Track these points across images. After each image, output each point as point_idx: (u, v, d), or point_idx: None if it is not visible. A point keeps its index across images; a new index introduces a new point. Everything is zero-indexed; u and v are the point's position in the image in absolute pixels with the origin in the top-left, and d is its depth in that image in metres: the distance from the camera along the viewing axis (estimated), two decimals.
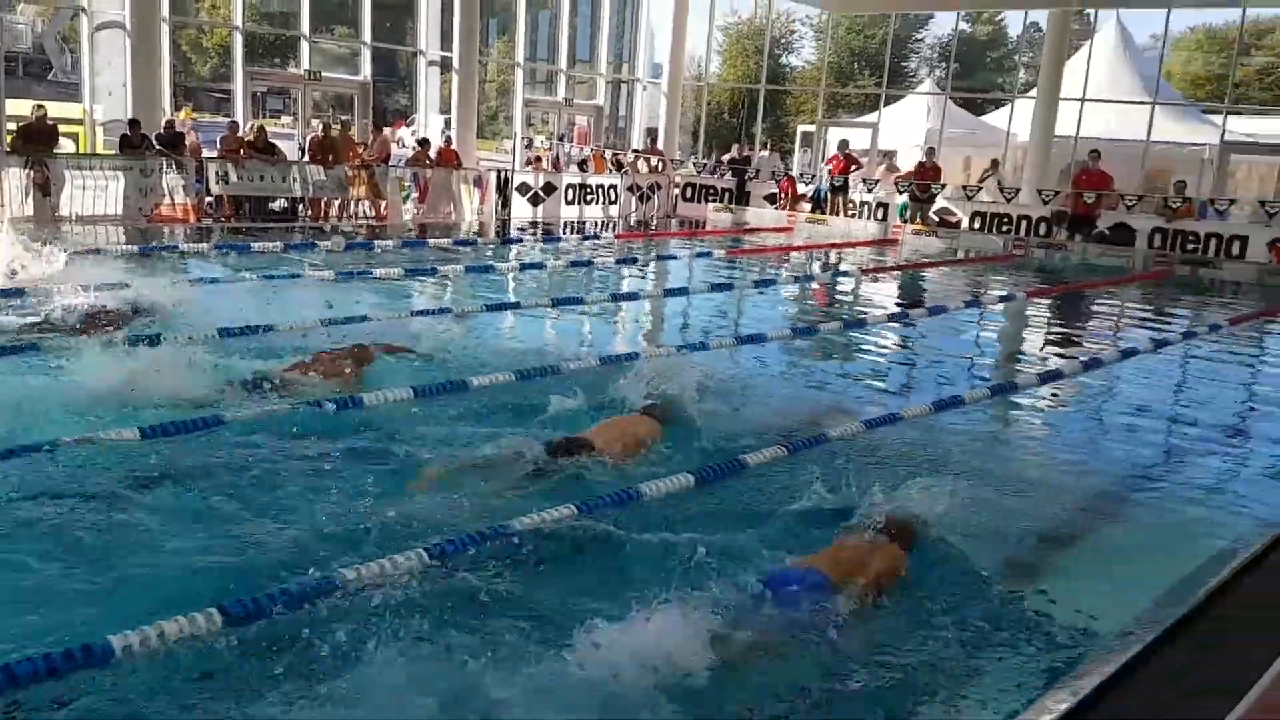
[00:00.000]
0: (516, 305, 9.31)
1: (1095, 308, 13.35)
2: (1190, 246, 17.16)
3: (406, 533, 4.05)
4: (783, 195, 21.88)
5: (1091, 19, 27.20)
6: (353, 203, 16.82)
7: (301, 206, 16.12)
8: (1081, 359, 8.51)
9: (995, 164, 20.78)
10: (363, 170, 16.74)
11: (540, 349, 7.53)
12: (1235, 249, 16.80)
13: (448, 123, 20.80)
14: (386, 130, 20.90)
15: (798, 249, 17.54)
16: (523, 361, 6.95)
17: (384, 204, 16.85)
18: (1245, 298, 14.84)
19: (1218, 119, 23.03)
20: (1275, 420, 7.25)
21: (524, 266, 12.87)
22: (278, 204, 16.10)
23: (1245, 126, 25.30)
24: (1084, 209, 17.97)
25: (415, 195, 17.52)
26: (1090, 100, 22.54)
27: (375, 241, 14.04)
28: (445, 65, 21.27)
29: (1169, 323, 12.07)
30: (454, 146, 18.50)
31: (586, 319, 8.60)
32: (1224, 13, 25.24)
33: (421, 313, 8.23)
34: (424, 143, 18.52)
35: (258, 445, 4.98)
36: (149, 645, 3.13)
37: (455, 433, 5.37)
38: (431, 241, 14.40)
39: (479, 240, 15.55)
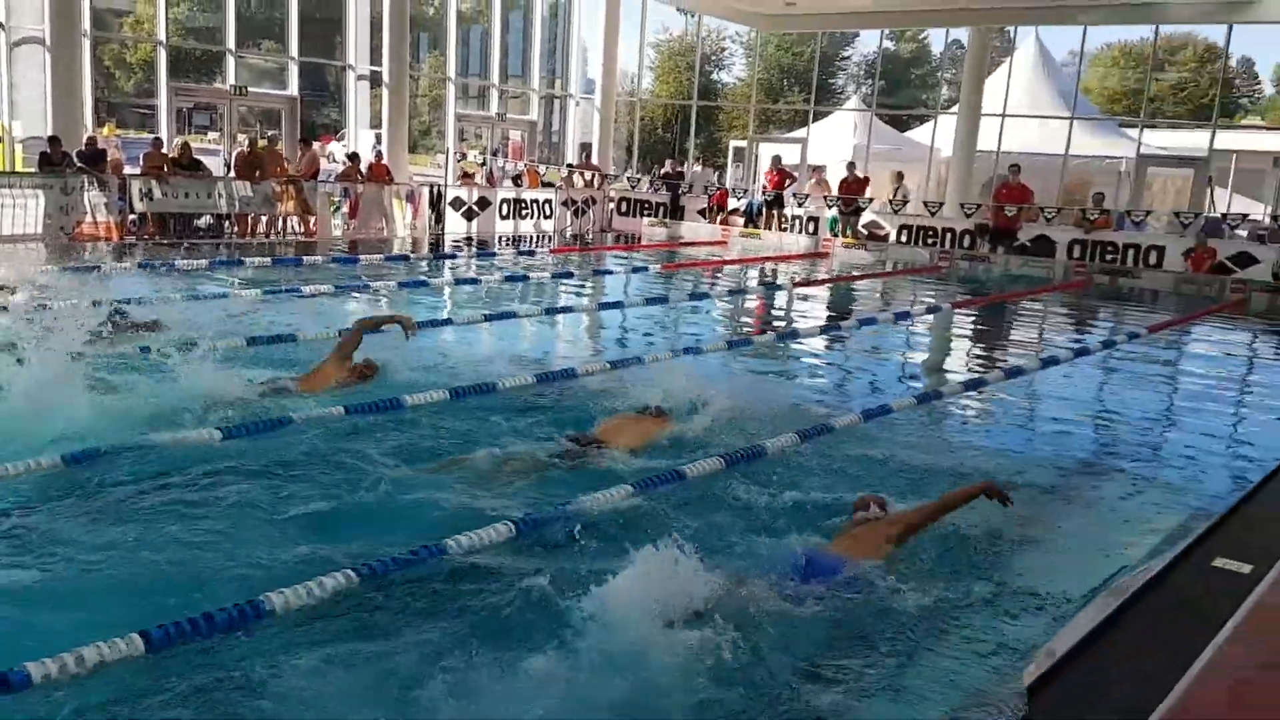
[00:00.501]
0: (449, 321, 9.28)
1: (1018, 317, 13.71)
2: (1109, 257, 17.70)
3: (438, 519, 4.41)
4: (712, 207, 22.12)
5: (1011, 36, 27.95)
6: (281, 219, 16.61)
7: (228, 223, 15.88)
8: (1003, 367, 8.75)
9: (900, 177, 21.23)
10: (290, 186, 16.55)
11: (474, 364, 7.51)
12: (1152, 258, 17.37)
13: (379, 137, 20.65)
14: (317, 145, 20.68)
15: (732, 263, 17.74)
16: (456, 378, 6.95)
17: (313, 220, 16.67)
18: (1163, 305, 15.36)
19: (1134, 133, 23.82)
20: (1189, 424, 7.51)
21: (458, 281, 12.84)
22: (203, 221, 15.83)
23: (1160, 140, 26.19)
24: (1005, 222, 18.44)
25: (345, 211, 17.36)
26: (1010, 116, 23.17)
27: (304, 258, 13.89)
28: (376, 80, 21.13)
29: (1089, 331, 12.44)
30: (385, 161, 18.39)
31: (520, 334, 8.62)
32: (1139, 29, 26.15)
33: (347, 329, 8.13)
34: (354, 157, 18.38)
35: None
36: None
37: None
38: (363, 257, 14.29)
39: (411, 256, 15.46)
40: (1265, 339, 13.17)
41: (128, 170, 15.62)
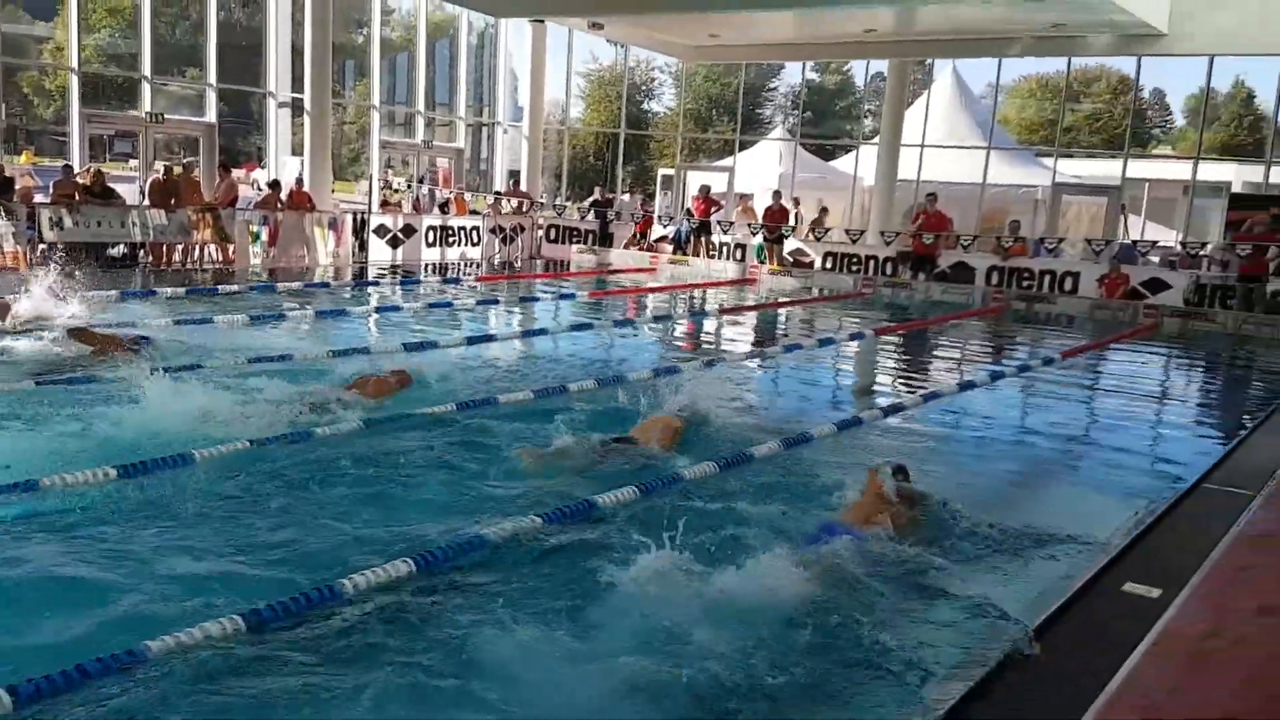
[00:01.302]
0: (366, 350, 9.10)
1: (938, 343, 13.92)
2: (1026, 283, 18.11)
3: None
4: (637, 235, 22.21)
5: (930, 68, 28.66)
6: (197, 247, 16.22)
7: (142, 252, 15.45)
8: (922, 393, 8.84)
9: (824, 211, 21.63)
10: (207, 214, 16.17)
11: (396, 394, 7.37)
12: (1068, 285, 17.81)
13: (301, 165, 20.34)
14: (240, 172, 20.30)
15: (661, 289, 17.77)
16: (375, 410, 6.82)
17: (231, 248, 16.31)
18: (1078, 330, 15.73)
19: (1049, 162, 24.51)
20: (1101, 448, 7.63)
21: (380, 309, 12.63)
22: (117, 250, 15.38)
23: (1075, 169, 27.00)
24: (924, 249, 18.78)
25: (265, 239, 17.02)
26: (929, 146, 23.70)
27: (220, 286, 13.55)
28: (298, 107, 20.83)
29: (1006, 356, 12.66)
30: (307, 189, 18.09)
31: (441, 362, 8.47)
32: (1053, 61, 26.98)
33: (261, 359, 7.95)
34: (274, 185, 18.05)
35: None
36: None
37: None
38: (280, 286, 14.00)
39: (332, 284, 15.19)
40: (1176, 363, 13.55)
41: (39, 199, 15.13)
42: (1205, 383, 12.61)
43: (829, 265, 20.21)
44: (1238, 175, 25.82)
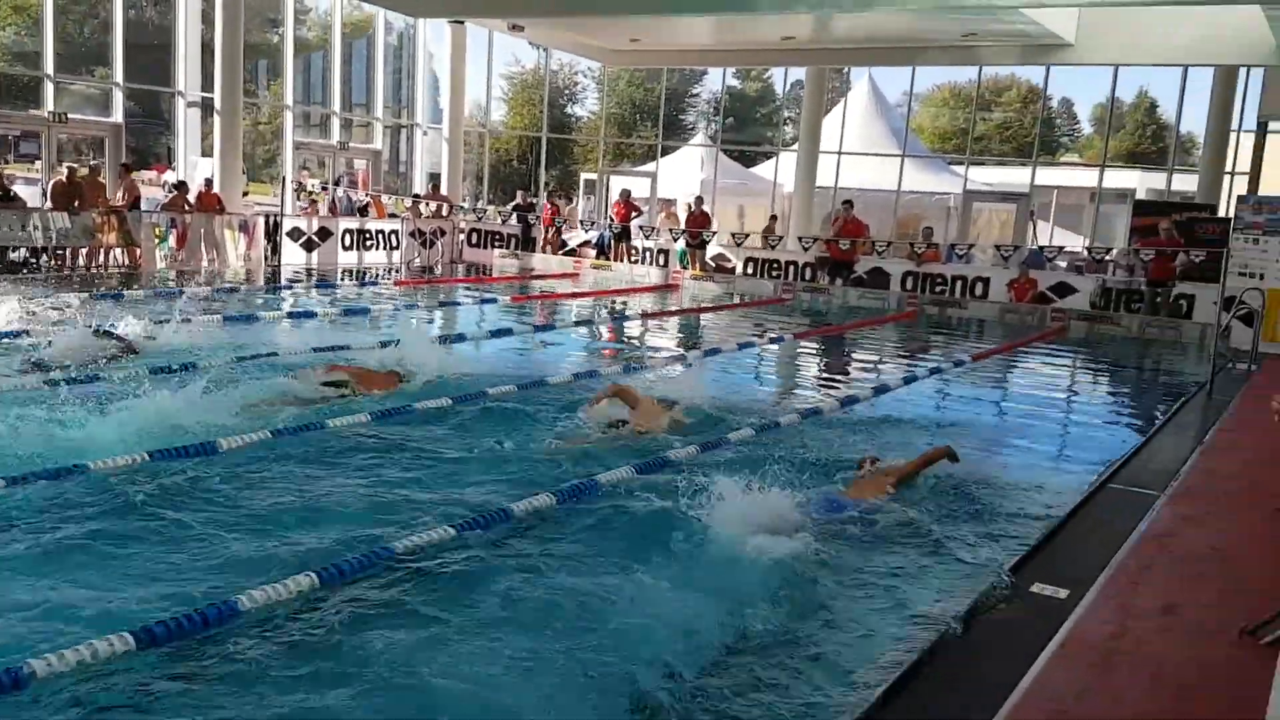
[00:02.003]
0: (273, 355, 8.86)
1: (854, 347, 14.11)
2: (939, 288, 18.48)
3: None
4: (548, 229, 22.10)
5: (847, 77, 29.10)
6: (102, 251, 15.67)
7: (45, 256, 14.88)
8: (837, 396, 8.94)
9: (774, 219, 21.84)
10: (111, 216, 15.63)
11: (300, 400, 7.18)
12: (978, 289, 18.22)
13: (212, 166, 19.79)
14: (151, 173, 19.68)
15: (584, 295, 17.70)
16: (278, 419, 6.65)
17: (137, 251, 15.80)
18: (988, 334, 16.09)
19: (961, 169, 25.09)
20: (1009, 449, 7.77)
21: (291, 315, 12.32)
22: (18, 254, 14.79)
23: (986, 176, 27.68)
24: (841, 255, 19.05)
25: (172, 242, 16.52)
26: (846, 153, 24.09)
27: (125, 291, 13.10)
28: (208, 107, 20.27)
29: (919, 359, 12.87)
30: (216, 190, 17.61)
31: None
32: (965, 71, 27.63)
33: (162, 370, 7.68)
34: (181, 186, 17.53)
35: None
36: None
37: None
38: (188, 290, 13.59)
39: (243, 288, 14.80)
40: (1083, 366, 13.94)
41: None
42: (1111, 385, 12.98)
43: (750, 270, 20.38)
44: (1142, 182, 26.76)
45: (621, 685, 3.63)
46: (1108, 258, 18.83)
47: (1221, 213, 18.96)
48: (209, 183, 17.84)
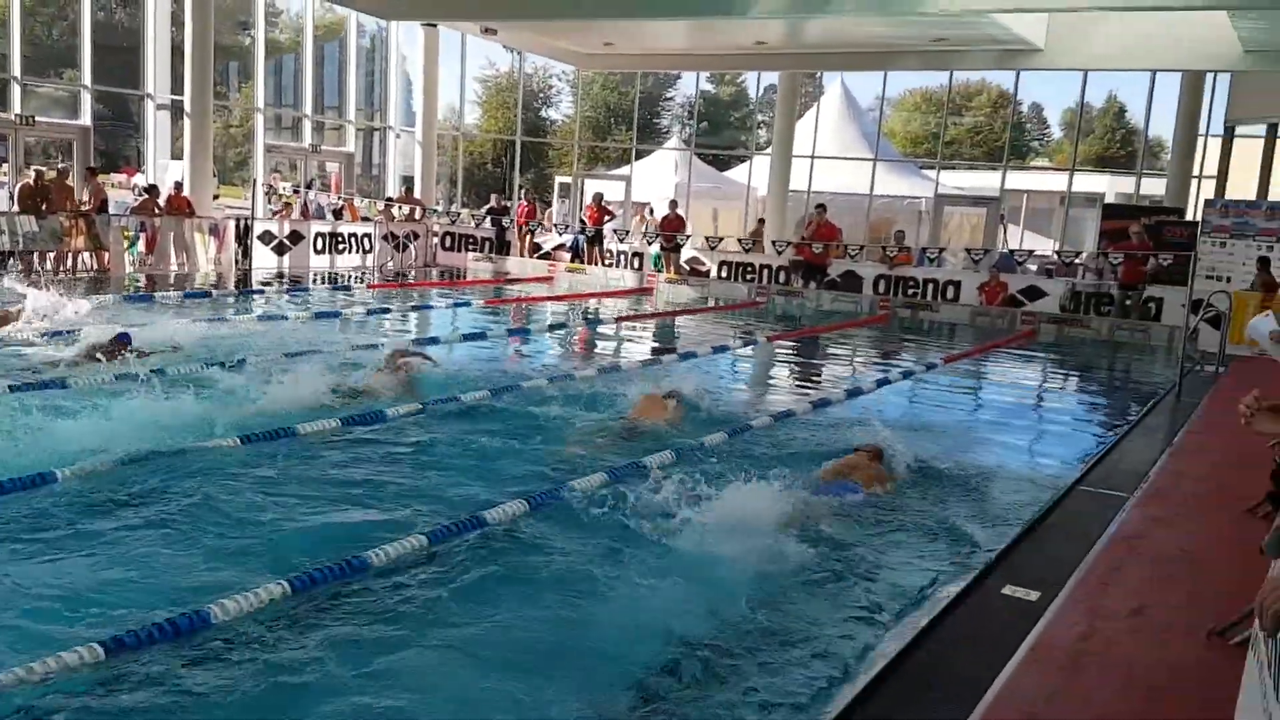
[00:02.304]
0: (242, 363, 8.78)
1: (829, 350, 14.16)
2: (910, 291, 18.59)
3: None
4: (521, 227, 22.03)
5: (820, 81, 29.26)
6: (70, 254, 15.48)
7: (12, 260, 14.67)
8: (811, 400, 8.97)
9: (762, 223, 21.90)
10: (80, 219, 15.45)
11: (261, 406, 7.12)
12: (950, 293, 18.35)
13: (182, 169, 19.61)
14: (123, 176, 19.45)
15: (559, 298, 17.67)
16: (246, 425, 6.59)
17: (106, 256, 15.62)
18: (960, 337, 16.21)
19: (933, 174, 25.27)
20: (979, 451, 7.81)
21: (261, 318, 12.21)
22: None
23: (957, 180, 27.91)
24: (814, 258, 19.14)
25: (142, 246, 16.35)
26: (819, 157, 24.20)
27: (94, 296, 12.93)
28: (178, 110, 20.09)
29: (891, 362, 12.95)
30: (186, 193, 17.44)
31: (322, 373, 8.24)
32: (937, 76, 27.83)
33: (124, 377, 7.59)
34: (151, 189, 17.36)
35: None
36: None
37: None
38: (158, 295, 13.45)
39: (213, 292, 14.66)
40: (1053, 368, 14.07)
41: None
42: (1081, 387, 13.11)
43: (724, 274, 20.42)
44: (1111, 186, 27.06)
45: (584, 688, 3.65)
46: (1077, 261, 19.02)
47: (1189, 216, 19.19)
48: (179, 186, 17.67)
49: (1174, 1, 15.26)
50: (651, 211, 22.10)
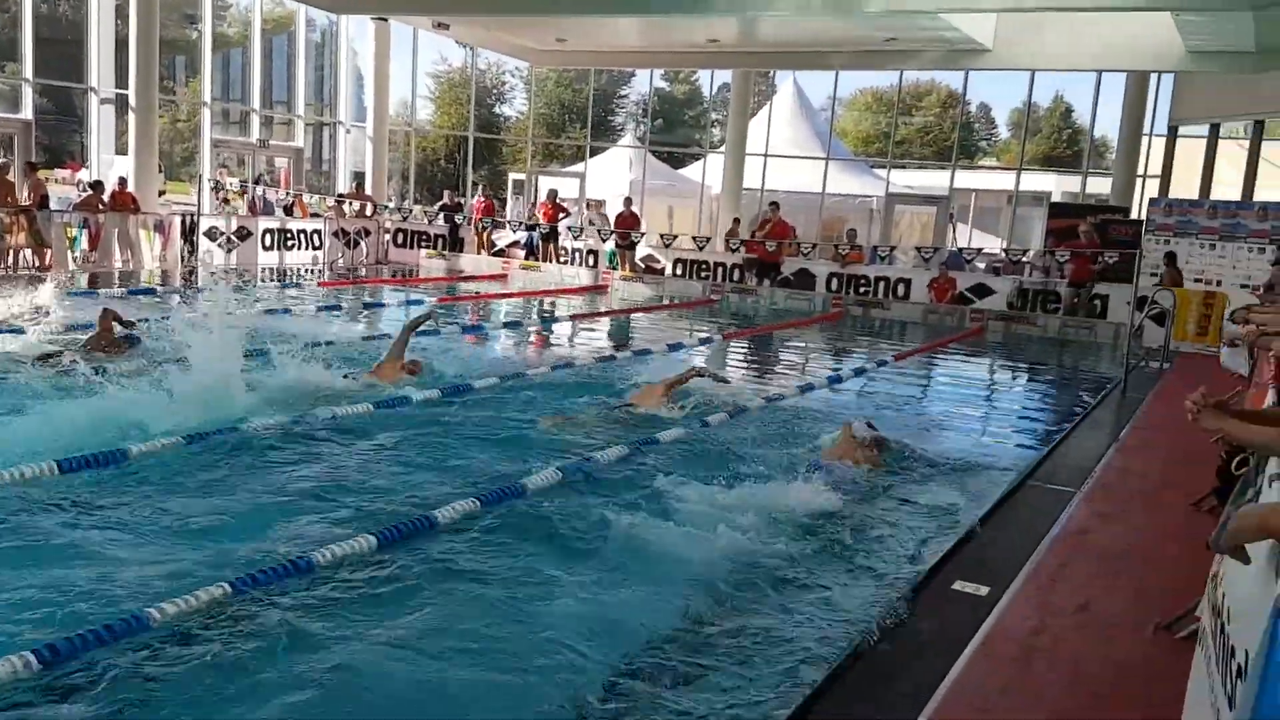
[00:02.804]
0: (183, 360, 8.59)
1: (781, 347, 14.22)
2: (863, 289, 18.74)
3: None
4: (479, 223, 21.87)
5: (772, 80, 29.41)
6: (11, 252, 15.09)
7: None
8: (765, 396, 8.99)
9: (737, 221, 21.91)
10: (20, 216, 15.07)
11: (208, 406, 6.97)
12: (900, 290, 18.53)
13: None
14: (67, 171, 19.00)
15: (514, 295, 17.56)
16: (185, 423, 6.46)
17: (48, 253, 15.25)
18: (911, 334, 16.37)
19: (883, 172, 25.50)
20: (928, 447, 7.85)
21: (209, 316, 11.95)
22: None
23: (907, 179, 28.20)
24: (768, 256, 19.22)
25: (85, 243, 15.99)
26: (771, 156, 24.32)
27: (33, 293, 12.60)
28: (123, 104, 19.67)
29: (843, 359, 13.03)
30: (131, 189, 17.09)
31: (269, 372, 8.10)
32: (887, 75, 28.10)
33: (64, 373, 7.41)
34: (96, 185, 16.97)
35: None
36: None
37: None
38: (102, 292, 13.15)
39: (159, 290, 14.36)
40: (1001, 365, 14.25)
41: None
42: (1029, 384, 13.29)
43: (679, 272, 20.43)
44: (1057, 185, 27.51)
45: (538, 690, 3.64)
46: (1024, 259, 19.30)
47: (1134, 215, 19.56)
48: (123, 181, 17.30)
49: (1118, 2, 15.52)
50: (598, 205, 22.08)
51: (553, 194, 21.89)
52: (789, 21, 18.66)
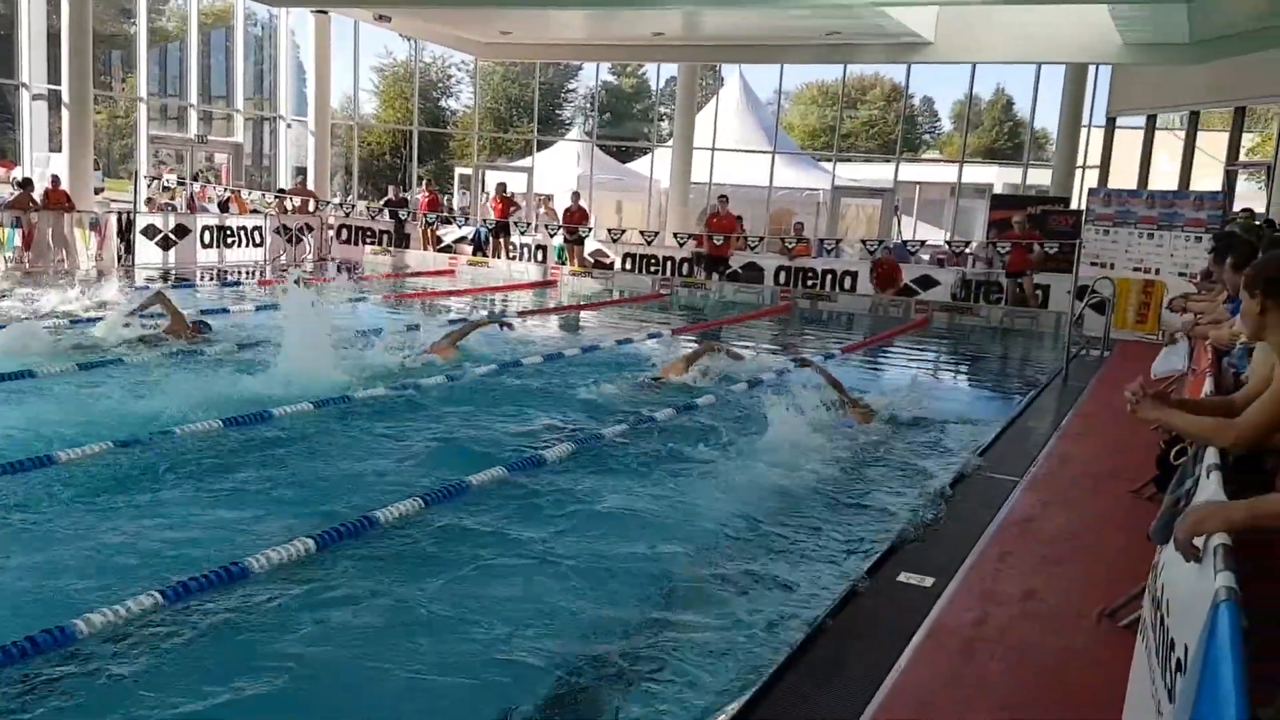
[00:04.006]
0: (117, 362, 8.39)
1: (733, 341, 14.19)
2: (810, 282, 18.83)
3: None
4: (424, 218, 21.61)
5: (719, 74, 29.45)
6: None
7: None
8: (712, 393, 8.96)
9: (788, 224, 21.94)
10: None
11: (140, 408, 6.81)
12: (847, 283, 18.65)
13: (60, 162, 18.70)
14: (13, 171, 18.43)
15: (461, 292, 17.37)
16: (118, 431, 6.30)
17: None
18: (858, 326, 16.47)
19: (829, 166, 25.66)
20: (874, 440, 7.91)
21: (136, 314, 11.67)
22: None
23: (853, 172, 28.39)
24: (715, 250, 19.25)
25: (18, 243, 15.54)
26: (719, 150, 24.34)
27: None
28: (56, 100, 19.15)
29: (791, 353, 13.04)
30: (65, 187, 16.65)
31: (200, 372, 7.94)
32: (832, 69, 28.30)
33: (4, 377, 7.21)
34: (26, 183, 16.52)
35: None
36: None
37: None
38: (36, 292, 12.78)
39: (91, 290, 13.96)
40: (945, 356, 14.39)
41: None
42: (972, 373, 13.43)
43: (628, 266, 20.38)
44: (999, 177, 27.90)
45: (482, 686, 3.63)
46: (967, 251, 19.52)
47: (1074, 205, 19.86)
48: (56, 179, 16.84)
49: None
50: (547, 200, 21.92)
51: (501, 187, 21.72)
52: (733, 15, 18.67)
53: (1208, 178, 18.85)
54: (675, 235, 20.46)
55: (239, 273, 17.90)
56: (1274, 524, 2.08)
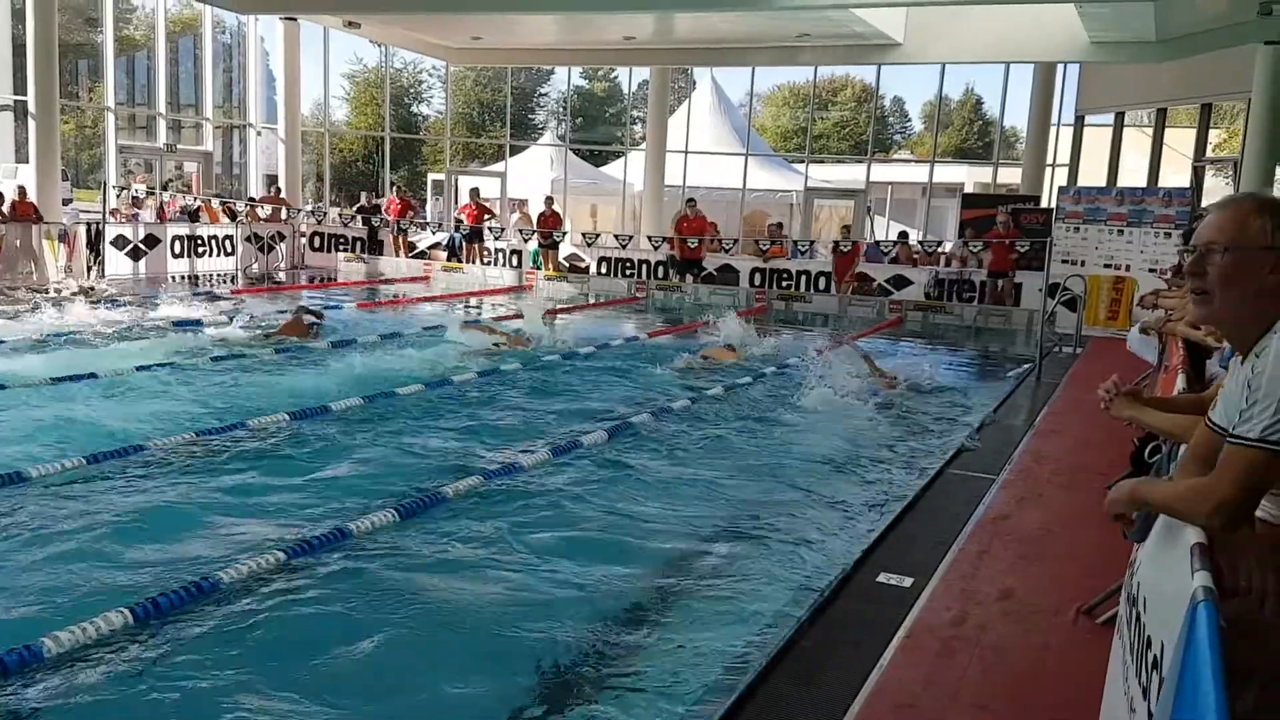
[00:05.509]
0: (93, 376, 8.29)
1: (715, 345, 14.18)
2: (785, 283, 18.88)
3: None
4: (395, 223, 21.49)
5: (691, 77, 29.52)
6: None
7: None
8: (688, 396, 8.97)
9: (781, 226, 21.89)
10: None
11: (113, 422, 6.73)
12: (821, 284, 18.70)
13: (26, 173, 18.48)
14: None
15: (436, 299, 17.28)
16: (93, 444, 6.22)
17: None
18: (832, 327, 16.50)
19: (802, 167, 25.75)
20: (854, 440, 7.94)
21: (119, 332, 11.56)
22: None
23: (825, 174, 28.50)
24: (689, 253, 19.26)
25: None
26: (691, 152, 24.38)
27: None
28: (23, 110, 18.93)
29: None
30: (32, 198, 16.44)
31: (177, 384, 7.85)
32: (803, 71, 28.40)
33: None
34: None
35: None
36: None
37: None
38: (4, 308, 12.62)
39: (63, 302, 13.82)
40: (919, 355, 14.44)
41: None
42: (946, 371, 13.47)
43: (604, 270, 20.36)
44: (970, 176, 28.07)
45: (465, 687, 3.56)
46: (940, 250, 19.62)
47: (1044, 203, 20.02)
48: (22, 191, 16.63)
49: None
50: (522, 205, 21.88)
51: (475, 192, 21.63)
52: (704, 18, 18.69)
53: (1176, 174, 19.05)
54: (649, 238, 20.47)
55: (210, 281, 17.75)
56: (1157, 508, 2.27)
